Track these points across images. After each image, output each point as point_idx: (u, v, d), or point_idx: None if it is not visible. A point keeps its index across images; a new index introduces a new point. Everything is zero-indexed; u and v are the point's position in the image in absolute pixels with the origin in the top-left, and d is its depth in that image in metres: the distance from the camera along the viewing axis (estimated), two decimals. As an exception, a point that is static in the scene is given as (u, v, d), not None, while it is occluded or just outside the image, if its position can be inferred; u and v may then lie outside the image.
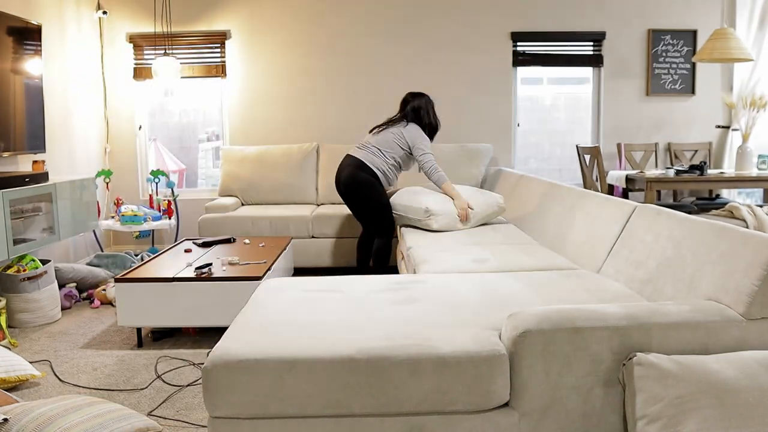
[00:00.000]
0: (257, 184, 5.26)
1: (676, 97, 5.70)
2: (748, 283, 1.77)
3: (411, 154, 4.01)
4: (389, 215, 4.03)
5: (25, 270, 3.71)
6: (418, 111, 4.05)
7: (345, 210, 4.84)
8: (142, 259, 4.98)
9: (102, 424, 2.04)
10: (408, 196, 3.97)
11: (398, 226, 4.19)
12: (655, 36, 5.61)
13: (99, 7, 5.47)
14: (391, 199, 4.07)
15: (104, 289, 4.16)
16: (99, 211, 4.82)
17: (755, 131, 5.49)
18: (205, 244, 4.05)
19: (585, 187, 5.16)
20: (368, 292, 2.33)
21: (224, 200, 5.07)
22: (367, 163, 3.96)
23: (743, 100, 5.50)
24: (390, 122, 4.09)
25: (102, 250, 5.43)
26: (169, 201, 5.25)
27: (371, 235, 4.26)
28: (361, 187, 3.94)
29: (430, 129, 4.09)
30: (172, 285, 3.23)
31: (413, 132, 3.99)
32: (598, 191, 4.79)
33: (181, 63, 5.51)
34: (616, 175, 5.14)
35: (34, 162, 4.16)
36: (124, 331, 3.59)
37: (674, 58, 5.65)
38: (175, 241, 5.59)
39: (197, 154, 6.64)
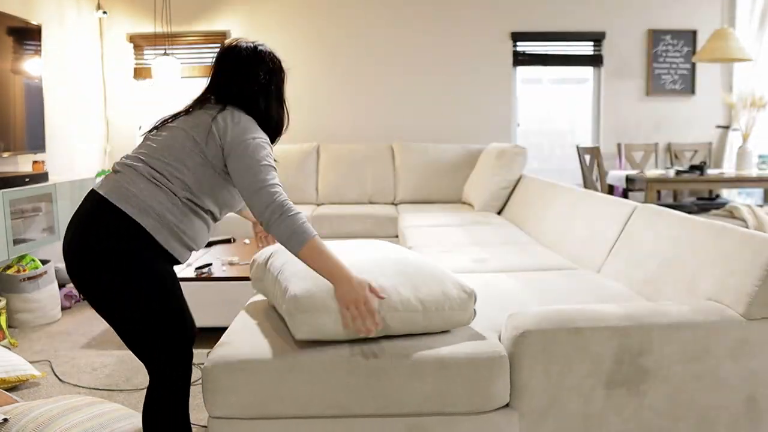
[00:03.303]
0: (257, 184, 5.25)
1: (676, 97, 5.70)
2: (748, 283, 1.77)
3: (226, 170, 1.78)
4: (173, 332, 1.74)
5: (25, 270, 3.71)
6: (243, 90, 1.87)
7: (345, 210, 4.83)
8: (142, 259, 4.97)
9: (102, 424, 2.04)
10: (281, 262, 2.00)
11: (399, 226, 4.18)
12: (655, 36, 5.61)
13: (99, 7, 5.47)
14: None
15: (104, 289, 4.16)
16: (99, 211, 4.81)
17: (755, 131, 5.49)
18: (205, 244, 4.05)
19: (585, 187, 5.16)
20: (368, 292, 2.32)
21: (224, 200, 5.06)
22: (116, 202, 1.68)
23: (743, 100, 5.50)
24: (195, 105, 1.86)
25: (102, 250, 5.43)
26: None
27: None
28: (97, 265, 1.66)
29: (268, 122, 1.97)
30: (172, 285, 3.23)
31: (229, 123, 1.78)
32: (598, 191, 4.79)
33: (181, 63, 5.50)
34: (616, 175, 5.14)
35: (34, 162, 4.16)
36: (124, 331, 3.59)
37: (674, 58, 5.64)
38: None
39: (197, 154, 6.64)
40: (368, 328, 1.64)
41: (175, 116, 1.84)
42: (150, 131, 1.85)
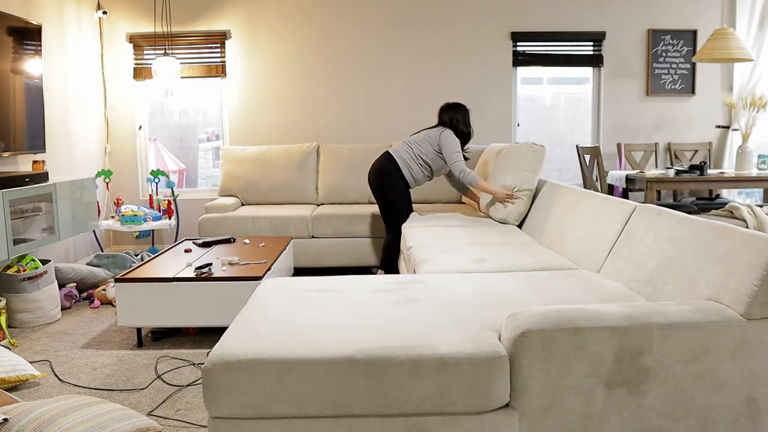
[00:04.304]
0: (257, 184, 5.26)
1: (676, 97, 5.70)
2: (748, 283, 1.77)
3: (441, 156, 4.13)
4: (394, 209, 4.14)
5: (25, 270, 3.71)
6: (452, 120, 4.21)
7: (345, 210, 4.84)
8: (142, 259, 4.98)
9: (102, 424, 2.04)
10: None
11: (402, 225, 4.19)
12: (655, 36, 5.61)
13: (99, 7, 5.47)
14: None
15: (104, 289, 4.16)
16: (99, 211, 4.82)
17: (755, 131, 5.49)
18: (205, 244, 4.05)
19: (585, 187, 5.16)
20: (368, 292, 2.33)
21: (224, 200, 5.07)
22: (393, 154, 4.16)
23: (743, 100, 5.50)
24: (428, 128, 4.32)
25: (102, 250, 5.43)
26: (169, 201, 5.25)
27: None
28: (380, 176, 4.13)
29: (463, 137, 4.22)
30: (172, 285, 3.23)
31: (446, 136, 4.12)
32: (598, 191, 4.79)
33: (181, 63, 5.50)
34: (616, 175, 5.14)
35: (34, 162, 4.16)
36: (124, 331, 3.59)
37: (674, 58, 5.65)
38: (175, 241, 5.59)
39: (197, 154, 6.64)
40: (511, 200, 3.91)
41: (424, 129, 4.32)
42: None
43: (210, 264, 3.37)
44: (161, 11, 5.51)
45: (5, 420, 2.01)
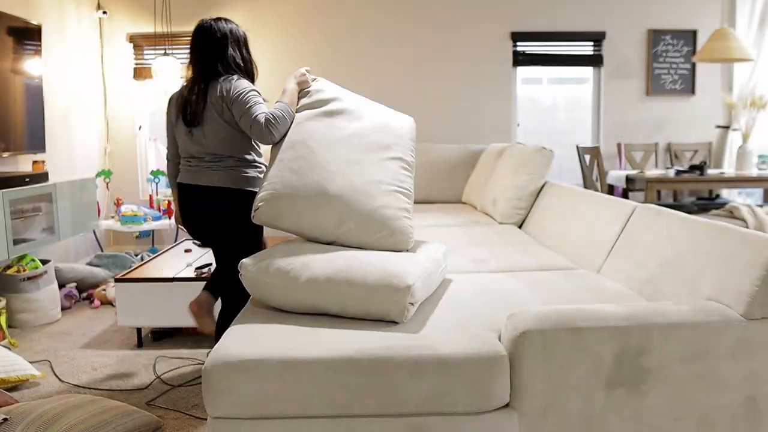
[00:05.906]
0: (257, 184, 5.25)
1: (676, 97, 5.70)
2: (748, 283, 1.77)
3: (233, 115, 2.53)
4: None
5: (25, 270, 3.71)
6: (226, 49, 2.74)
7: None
8: (142, 259, 4.98)
9: (106, 421, 2.04)
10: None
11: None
12: (655, 36, 5.61)
13: (99, 7, 5.47)
14: None
15: (104, 289, 4.16)
16: (99, 211, 4.82)
17: (755, 131, 5.49)
18: (205, 245, 4.05)
19: (585, 187, 5.16)
20: (368, 292, 2.32)
21: (224, 200, 5.06)
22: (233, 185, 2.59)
23: (743, 100, 5.50)
24: (195, 94, 2.65)
25: (102, 250, 5.43)
26: (169, 201, 5.25)
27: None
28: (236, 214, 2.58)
29: (249, 74, 2.75)
30: (172, 285, 3.23)
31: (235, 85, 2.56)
32: (598, 191, 4.79)
33: (181, 63, 5.50)
34: (616, 175, 5.14)
35: (34, 162, 4.16)
36: (124, 331, 3.59)
37: (674, 58, 5.64)
38: (175, 241, 5.59)
39: (197, 154, 6.64)
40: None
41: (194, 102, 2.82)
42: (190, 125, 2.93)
43: (210, 264, 3.37)
44: (161, 11, 5.51)
45: (6, 420, 2.01)
